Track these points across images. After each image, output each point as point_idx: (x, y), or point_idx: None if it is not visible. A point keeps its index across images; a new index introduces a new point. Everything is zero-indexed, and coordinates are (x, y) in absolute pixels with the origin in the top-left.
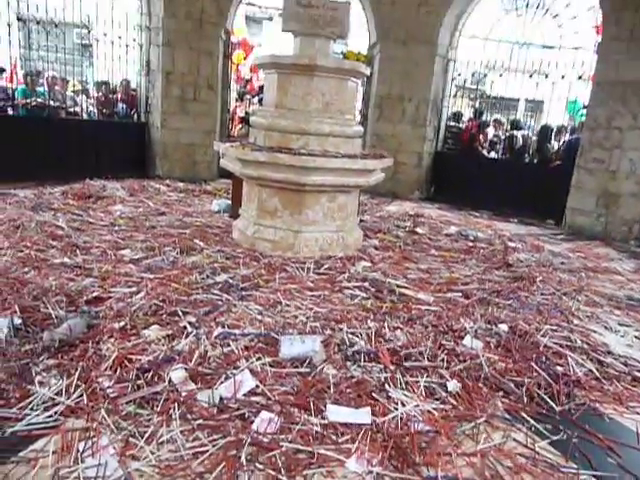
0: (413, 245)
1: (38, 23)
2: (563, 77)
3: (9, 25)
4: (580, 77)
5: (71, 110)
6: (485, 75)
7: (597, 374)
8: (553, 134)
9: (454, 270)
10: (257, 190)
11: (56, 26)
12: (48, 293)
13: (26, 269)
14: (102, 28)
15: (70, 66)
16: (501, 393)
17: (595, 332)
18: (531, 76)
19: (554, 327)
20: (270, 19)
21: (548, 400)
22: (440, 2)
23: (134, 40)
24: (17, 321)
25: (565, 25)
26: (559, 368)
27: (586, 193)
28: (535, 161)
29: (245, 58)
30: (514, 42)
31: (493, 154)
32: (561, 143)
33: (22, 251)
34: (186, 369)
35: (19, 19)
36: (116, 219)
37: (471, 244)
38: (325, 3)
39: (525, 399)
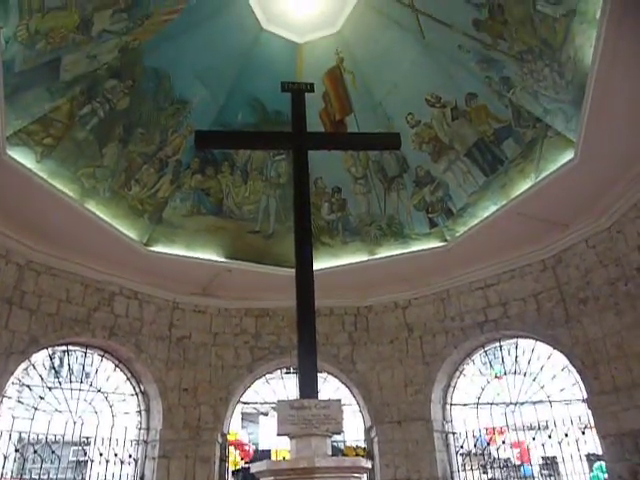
0: None
1: (35, 452)
2: (567, 435)
3: (5, 457)
4: (583, 432)
5: None
6: (488, 444)
7: None
8: None
9: None
10: None
11: (53, 452)
12: None
13: None
14: (100, 446)
15: None
16: None
17: None
18: (534, 438)
19: None
20: (265, 414)
21: None
22: (424, 381)
23: (130, 456)
24: None
25: (547, 384)
26: None
27: None
28: None
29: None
30: (506, 403)
31: None
32: None
33: None
34: None
35: (17, 450)
36: None
37: None
38: (317, 403)
39: None
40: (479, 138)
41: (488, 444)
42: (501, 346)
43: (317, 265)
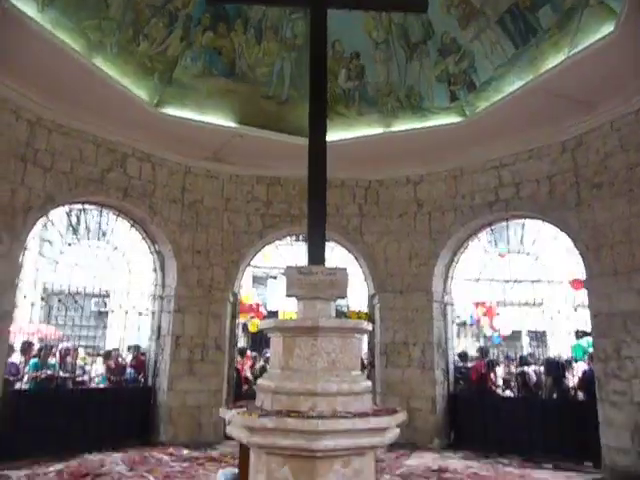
0: None
1: (59, 301)
2: (559, 312)
3: (32, 305)
4: (575, 309)
5: (79, 380)
6: (485, 315)
7: None
8: (565, 367)
9: None
10: (265, 459)
11: (76, 302)
12: None
13: None
14: (119, 299)
15: (86, 331)
16: None
17: None
18: (527, 314)
19: None
20: (274, 278)
21: None
22: (429, 255)
23: (147, 309)
24: None
25: (548, 264)
26: None
27: (618, 428)
28: (554, 396)
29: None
30: (504, 280)
31: (508, 392)
32: (577, 375)
33: None
34: None
35: (42, 299)
36: None
37: None
38: (324, 270)
39: None
40: (513, 3)
41: (485, 315)
42: (508, 225)
43: (331, 136)
